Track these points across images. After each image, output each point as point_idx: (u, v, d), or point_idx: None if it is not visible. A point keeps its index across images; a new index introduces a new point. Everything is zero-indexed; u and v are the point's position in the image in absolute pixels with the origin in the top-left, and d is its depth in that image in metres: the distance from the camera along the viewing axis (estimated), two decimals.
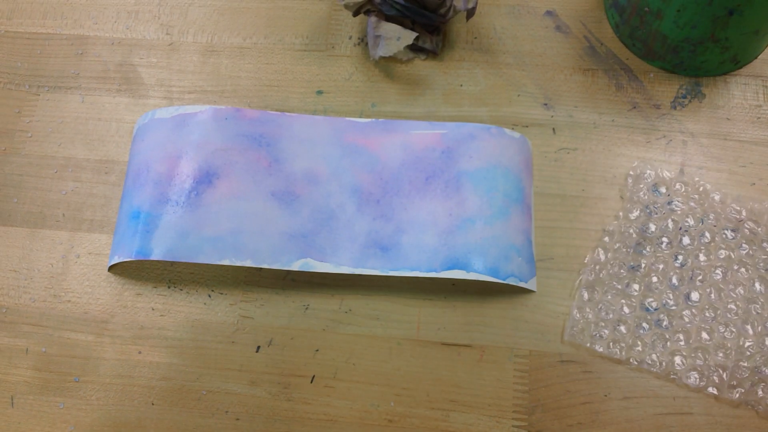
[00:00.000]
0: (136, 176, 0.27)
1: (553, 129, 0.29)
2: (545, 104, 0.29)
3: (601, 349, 0.25)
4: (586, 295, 0.26)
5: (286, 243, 0.25)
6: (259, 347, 0.26)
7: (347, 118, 0.28)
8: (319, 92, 0.30)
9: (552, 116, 0.29)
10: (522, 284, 0.25)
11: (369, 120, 0.28)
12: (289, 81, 0.30)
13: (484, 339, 0.26)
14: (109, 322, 0.26)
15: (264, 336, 0.26)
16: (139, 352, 0.26)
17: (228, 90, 0.30)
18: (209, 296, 0.27)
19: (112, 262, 0.26)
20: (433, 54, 0.30)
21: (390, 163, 0.27)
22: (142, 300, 0.27)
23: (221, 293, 0.27)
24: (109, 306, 0.27)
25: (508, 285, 0.26)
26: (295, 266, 0.25)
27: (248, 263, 0.25)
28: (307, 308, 0.26)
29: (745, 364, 0.24)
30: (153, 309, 0.27)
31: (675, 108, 0.29)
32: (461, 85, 0.30)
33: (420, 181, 0.26)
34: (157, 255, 0.25)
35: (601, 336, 0.25)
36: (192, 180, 0.26)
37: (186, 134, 0.27)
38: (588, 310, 0.26)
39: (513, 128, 0.29)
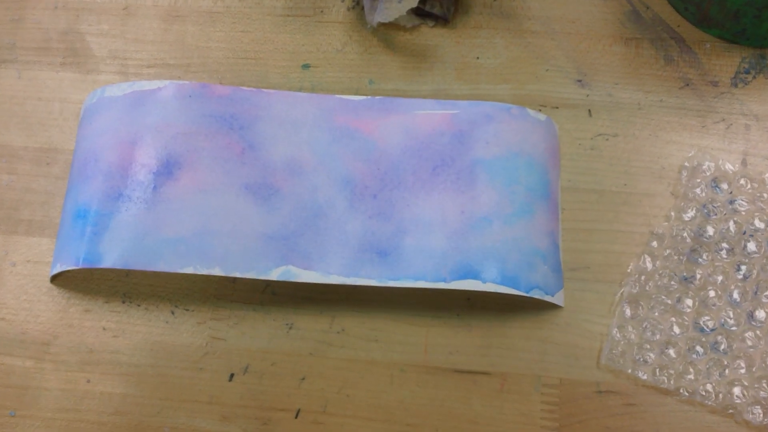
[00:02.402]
0: (83, 167, 0.25)
1: (589, 111, 0.28)
2: (579, 81, 0.28)
3: (645, 377, 0.24)
4: (628, 312, 0.25)
5: (263, 247, 0.24)
6: (232, 375, 0.25)
7: (338, 96, 0.27)
8: (306, 66, 0.29)
9: (587, 95, 0.28)
10: (548, 298, 0.24)
11: (364, 98, 0.27)
12: (269, 53, 0.29)
13: (505, 365, 0.24)
14: (51, 345, 0.25)
15: (238, 361, 0.25)
16: (88, 381, 0.25)
17: (195, 63, 0.29)
18: (172, 313, 0.25)
19: (55, 271, 0.25)
20: (443, 20, 0.29)
21: (389, 149, 0.26)
22: (91, 318, 0.25)
23: (187, 309, 0.25)
24: (52, 325, 0.25)
25: (532, 299, 0.24)
26: (274, 275, 0.24)
27: (216, 271, 0.24)
28: (290, 328, 0.25)
29: None
30: (104, 329, 0.25)
31: (736, 85, 0.28)
32: (477, 58, 0.28)
33: (426, 172, 0.25)
34: (107, 262, 0.23)
35: (645, 361, 0.24)
36: (149, 171, 0.24)
37: (142, 115, 0.25)
38: (630, 329, 0.24)
39: (540, 109, 0.28)
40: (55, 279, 0.26)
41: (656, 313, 0.24)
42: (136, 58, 0.29)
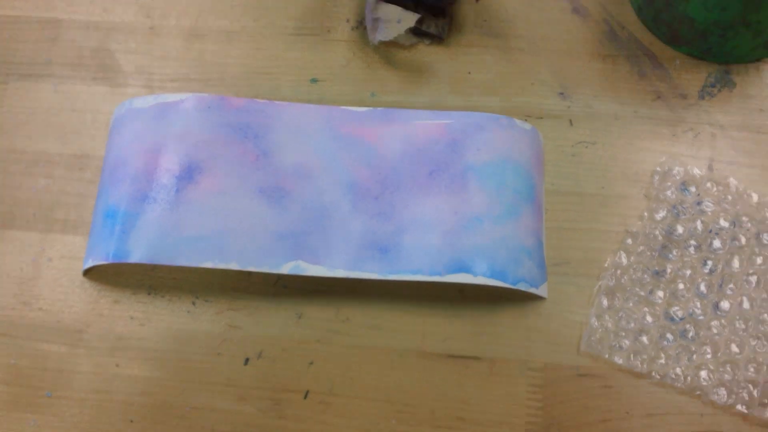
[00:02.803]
0: (113, 172, 0.27)
1: (570, 121, 0.29)
2: (561, 93, 0.29)
3: (620, 361, 0.25)
4: (605, 302, 0.26)
5: (275, 244, 0.25)
6: (247, 360, 0.26)
7: (342, 107, 0.28)
8: (314, 80, 0.30)
9: (569, 107, 0.29)
10: (533, 290, 0.25)
11: (366, 109, 0.28)
12: (281, 68, 0.30)
13: (494, 351, 0.26)
14: (84, 332, 0.26)
15: (253, 347, 0.26)
16: (117, 365, 0.26)
17: (214, 78, 0.30)
18: (193, 304, 0.27)
19: (87, 266, 0.26)
20: (438, 39, 0.30)
21: (389, 155, 0.27)
22: (119, 308, 0.27)
23: (206, 300, 0.27)
24: (84, 314, 0.27)
25: (520, 292, 0.26)
26: (285, 269, 0.25)
27: (233, 266, 0.25)
28: (300, 317, 0.26)
29: None
30: (132, 318, 0.27)
31: (703, 98, 0.29)
32: (469, 73, 0.30)
33: (422, 176, 0.26)
34: (135, 257, 0.25)
35: (621, 347, 0.25)
36: (172, 175, 0.26)
37: (166, 125, 0.27)
38: (607, 318, 0.26)
39: (527, 119, 0.29)
40: (87, 273, 0.27)
41: (631, 304, 0.26)
42: (160, 73, 0.30)
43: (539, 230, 0.27)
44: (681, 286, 0.26)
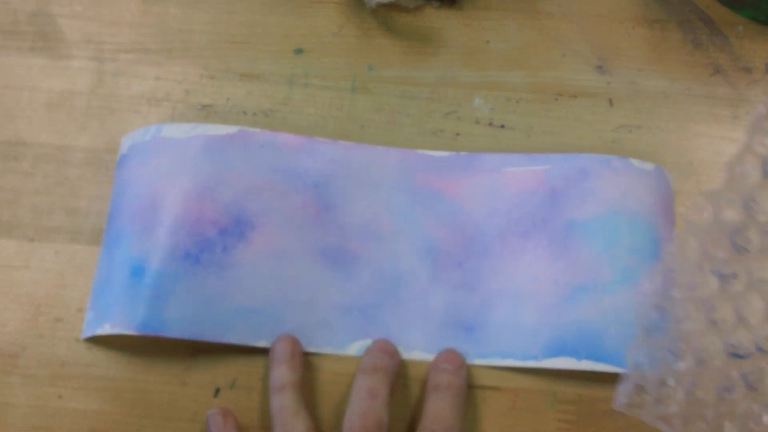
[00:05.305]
0: (137, 214, 0.24)
1: (610, 100, 0.27)
2: (599, 67, 0.28)
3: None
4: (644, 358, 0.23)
5: (340, 319, 0.24)
6: (218, 390, 0.24)
7: (420, 151, 0.26)
8: (299, 51, 0.28)
9: (608, 83, 0.28)
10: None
11: (448, 154, 0.26)
12: (259, 36, 0.28)
13: (517, 379, 0.24)
14: (19, 357, 0.25)
15: (225, 376, 0.24)
16: (60, 397, 0.24)
17: (177, 48, 0.28)
18: None
19: (105, 333, 0.23)
20: (449, 0, 0.29)
21: (475, 213, 0.25)
22: (63, 327, 0.25)
23: None
24: (20, 335, 0.25)
25: None
26: (352, 350, 0.24)
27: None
28: None
29: None
30: (78, 339, 0.25)
31: None
32: (487, 42, 0.28)
33: (515, 237, 0.25)
34: (173, 331, 0.23)
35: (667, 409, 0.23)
36: (218, 230, 0.24)
37: (210, 164, 0.24)
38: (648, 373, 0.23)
39: (557, 98, 0.27)
40: (27, 285, 0.25)
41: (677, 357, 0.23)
42: (112, 42, 0.28)
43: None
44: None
